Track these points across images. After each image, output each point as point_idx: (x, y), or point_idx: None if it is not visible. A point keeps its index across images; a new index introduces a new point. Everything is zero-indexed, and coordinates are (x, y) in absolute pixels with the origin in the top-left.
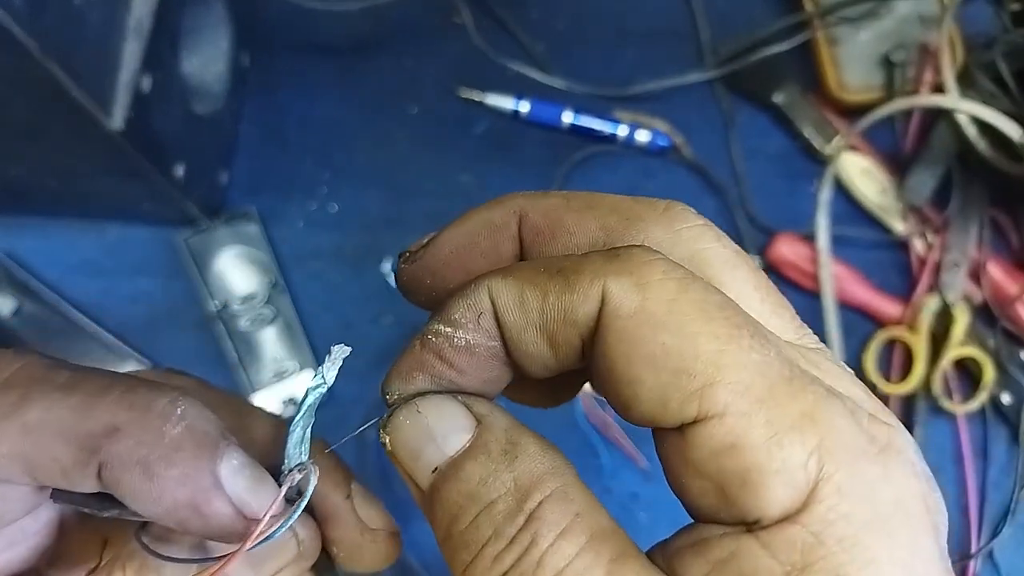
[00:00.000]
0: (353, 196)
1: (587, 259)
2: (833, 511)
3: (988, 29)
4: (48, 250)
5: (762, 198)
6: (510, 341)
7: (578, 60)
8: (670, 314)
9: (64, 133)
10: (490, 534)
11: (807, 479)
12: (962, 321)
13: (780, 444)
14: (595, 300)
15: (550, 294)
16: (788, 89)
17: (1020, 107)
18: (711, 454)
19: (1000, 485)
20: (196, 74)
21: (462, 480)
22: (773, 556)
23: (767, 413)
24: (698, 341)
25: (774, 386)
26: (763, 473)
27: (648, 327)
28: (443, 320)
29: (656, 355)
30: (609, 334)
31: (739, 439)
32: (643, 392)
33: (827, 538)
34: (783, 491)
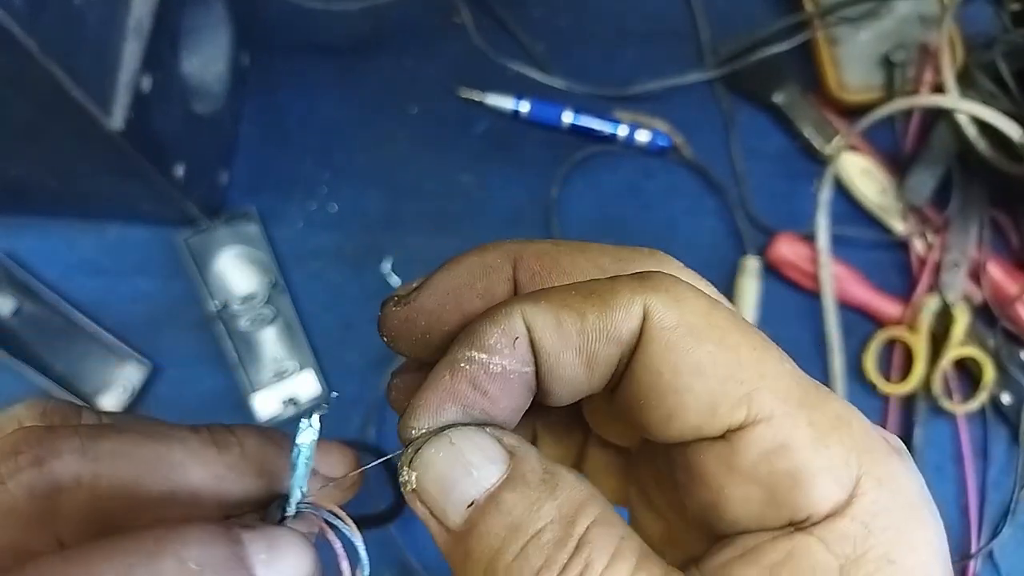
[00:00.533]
0: (353, 196)
1: (620, 280)
2: (876, 503)
3: (988, 29)
4: (48, 250)
5: (762, 198)
6: (544, 365)
7: (578, 60)
8: (711, 327)
9: (64, 133)
10: (541, 563)
11: (851, 475)
12: (962, 321)
13: (826, 444)
14: (637, 317)
15: (588, 315)
16: (788, 89)
17: (1020, 107)
18: (761, 456)
19: (1000, 485)
20: (196, 74)
21: (503, 512)
22: (828, 550)
23: (808, 416)
24: (740, 350)
25: (808, 392)
26: (813, 471)
27: (693, 338)
28: (475, 346)
29: (704, 363)
30: (654, 347)
31: (788, 440)
32: (691, 400)
33: (874, 527)
34: (832, 487)
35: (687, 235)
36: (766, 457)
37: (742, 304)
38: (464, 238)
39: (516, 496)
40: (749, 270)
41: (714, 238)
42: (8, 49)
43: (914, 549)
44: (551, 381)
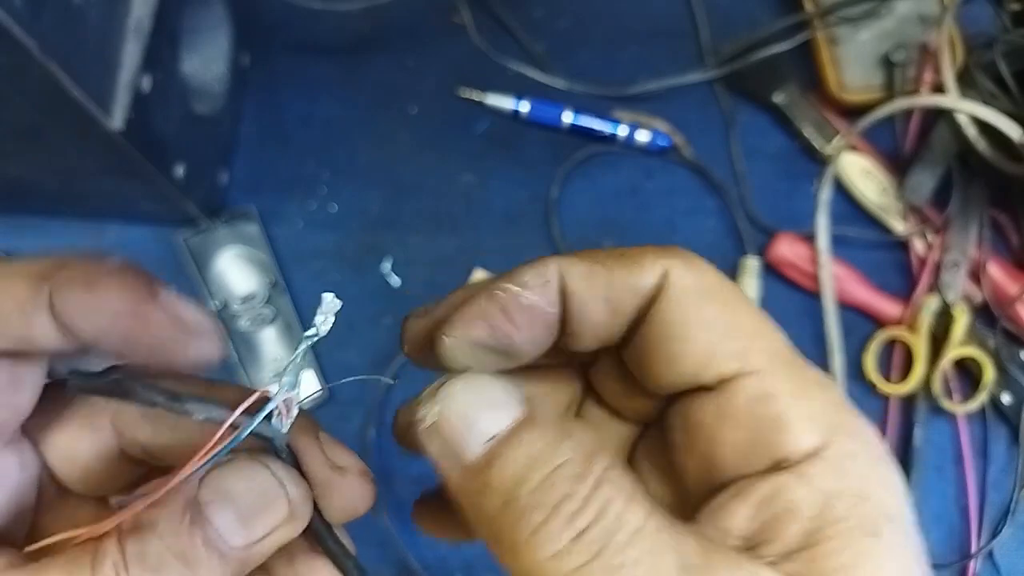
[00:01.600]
0: (353, 196)
1: (646, 247)
2: (848, 449)
3: (988, 29)
4: (48, 249)
5: (762, 198)
6: (574, 308)
7: (578, 60)
8: (719, 292)
9: (64, 133)
10: (564, 492)
11: (827, 423)
12: (962, 321)
13: (805, 396)
14: (658, 275)
15: (616, 270)
16: (788, 89)
17: (1020, 107)
18: (748, 403)
19: (1000, 485)
20: (196, 74)
21: (525, 444)
22: (809, 485)
23: (792, 373)
24: (741, 314)
25: (794, 358)
26: (793, 418)
27: (702, 297)
28: (512, 280)
29: (709, 319)
30: (669, 301)
31: (773, 390)
32: (693, 348)
33: (847, 469)
34: (810, 432)
35: (687, 235)
36: (753, 404)
37: None
38: (464, 238)
39: (536, 433)
40: (749, 270)
41: (714, 238)
42: (8, 49)
43: (885, 489)
44: (579, 323)
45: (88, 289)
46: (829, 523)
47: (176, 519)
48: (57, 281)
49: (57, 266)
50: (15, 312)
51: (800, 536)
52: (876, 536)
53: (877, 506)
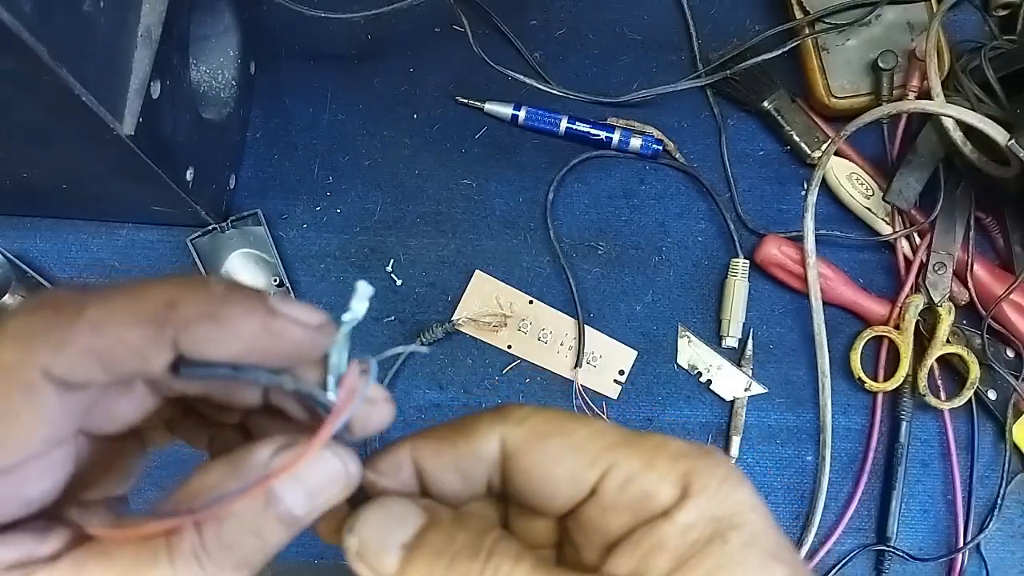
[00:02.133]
0: (357, 199)
1: (480, 415)
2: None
3: (975, 35)
4: (60, 251)
5: (752, 201)
6: (431, 483)
7: (574, 67)
8: (553, 429)
9: (75, 137)
10: (464, 572)
11: (678, 475)
12: (947, 320)
13: (654, 463)
14: (495, 441)
15: (459, 443)
16: (778, 95)
17: (1006, 111)
18: (618, 490)
19: (987, 480)
20: (204, 81)
21: (428, 545)
22: (672, 522)
23: (637, 451)
24: (575, 432)
25: (630, 439)
26: (651, 484)
27: (541, 439)
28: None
29: (555, 453)
30: (518, 456)
31: (630, 474)
32: (558, 480)
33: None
34: (669, 487)
35: (679, 237)
36: (620, 493)
37: (732, 304)
38: (463, 240)
39: (436, 533)
40: (739, 271)
41: (705, 240)
42: (19, 55)
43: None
44: (440, 491)
45: (215, 322)
46: (690, 546)
47: (251, 501)
48: (180, 322)
49: (169, 304)
50: (130, 357)
51: (670, 563)
52: (725, 542)
53: (724, 520)
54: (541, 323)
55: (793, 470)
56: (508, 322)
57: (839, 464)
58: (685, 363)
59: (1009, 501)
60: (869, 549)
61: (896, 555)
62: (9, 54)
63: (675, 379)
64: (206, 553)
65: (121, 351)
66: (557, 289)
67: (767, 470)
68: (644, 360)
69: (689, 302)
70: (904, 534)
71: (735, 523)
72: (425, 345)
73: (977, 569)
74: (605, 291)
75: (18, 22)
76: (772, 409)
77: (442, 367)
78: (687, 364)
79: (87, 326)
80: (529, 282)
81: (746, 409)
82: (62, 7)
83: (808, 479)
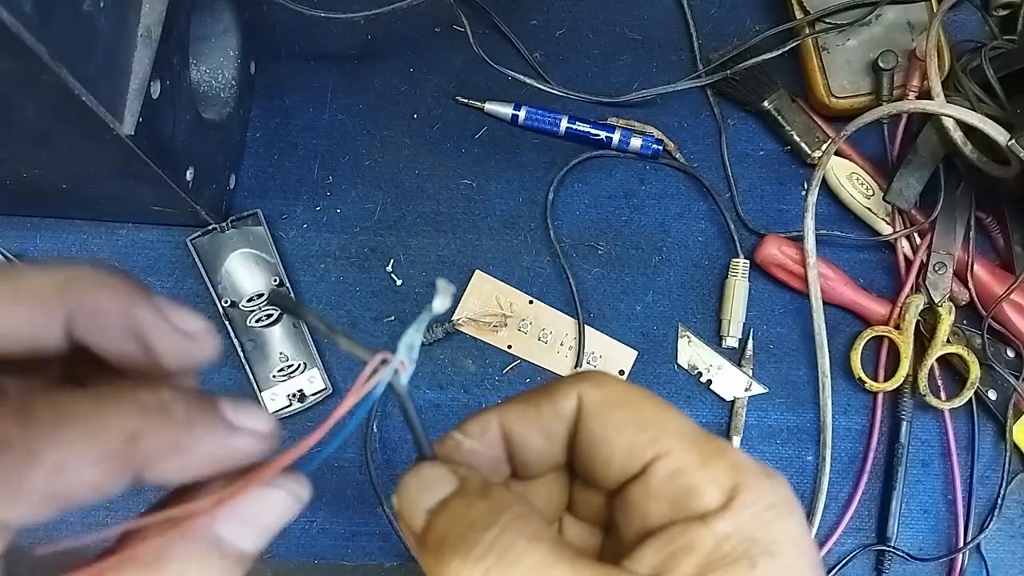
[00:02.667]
0: (357, 199)
1: (563, 379)
2: (746, 501)
3: (975, 35)
4: (60, 251)
5: (752, 201)
6: (517, 444)
7: (574, 67)
8: (625, 397)
9: (75, 137)
10: (473, 542)
11: (730, 484)
12: (947, 320)
13: (709, 464)
14: (574, 399)
15: (542, 404)
16: (778, 95)
17: (1006, 111)
18: (667, 478)
19: (987, 480)
20: (205, 81)
21: (449, 511)
22: (708, 528)
23: (697, 447)
24: (646, 411)
25: (696, 435)
26: (700, 483)
27: (613, 406)
28: (460, 429)
29: (621, 422)
30: (587, 418)
31: (683, 465)
32: (616, 449)
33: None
34: (716, 492)
35: (679, 237)
36: (668, 480)
37: (732, 304)
38: (464, 240)
39: (459, 501)
40: (739, 271)
41: (705, 240)
42: (19, 55)
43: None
44: (524, 454)
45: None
46: (718, 558)
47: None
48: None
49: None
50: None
51: (694, 568)
52: (752, 566)
53: (760, 545)
54: (541, 323)
55: (793, 470)
56: (508, 322)
57: (839, 464)
58: (685, 363)
59: (1009, 501)
60: (869, 549)
61: (896, 555)
62: (9, 54)
63: (675, 379)
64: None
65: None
66: (557, 289)
67: None
68: (644, 360)
69: (689, 302)
70: (904, 534)
71: (770, 551)
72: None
73: (977, 569)
74: (605, 291)
75: (18, 22)
76: (772, 409)
77: (442, 367)
78: (687, 364)
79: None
80: (529, 282)
81: (746, 409)
82: (62, 7)
83: (808, 479)
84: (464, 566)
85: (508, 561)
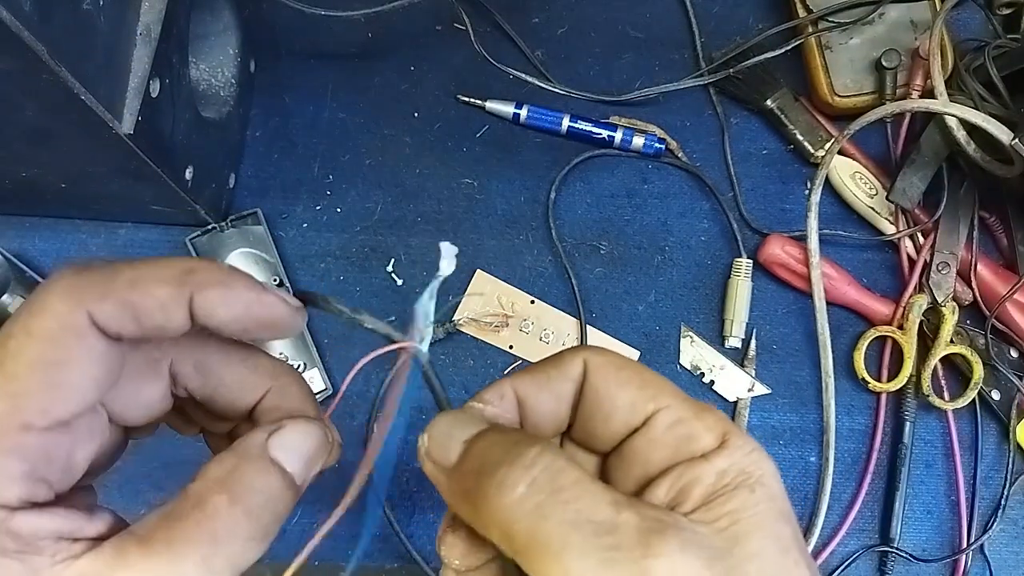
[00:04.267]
0: (357, 198)
1: (568, 349)
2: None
3: (979, 34)
4: (59, 251)
5: (755, 200)
6: (530, 406)
7: (576, 66)
8: (625, 362)
9: (74, 136)
10: (518, 454)
11: (721, 430)
12: (951, 320)
13: (703, 415)
14: (580, 363)
15: (551, 370)
16: (781, 94)
17: (1009, 110)
18: (668, 427)
19: (990, 481)
20: (204, 79)
21: (488, 440)
22: (709, 464)
23: (690, 404)
24: (644, 372)
25: (685, 395)
26: (698, 430)
27: (616, 368)
28: (478, 399)
29: (623, 380)
30: (594, 377)
31: (681, 416)
32: (620, 404)
33: (736, 455)
34: (710, 436)
35: (681, 237)
36: (670, 429)
37: (735, 304)
38: (465, 239)
39: (494, 433)
40: (742, 271)
41: (708, 239)
42: (18, 54)
43: (758, 466)
44: (536, 416)
45: (224, 288)
46: (721, 486)
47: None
48: (196, 286)
49: (188, 271)
50: (157, 311)
51: (702, 496)
52: (752, 491)
53: (753, 476)
54: (543, 323)
55: (796, 471)
56: (510, 322)
57: (842, 465)
58: (688, 363)
59: (1013, 502)
60: (873, 550)
61: (900, 556)
62: (9, 53)
63: (677, 379)
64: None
65: (150, 305)
66: (559, 289)
67: None
68: (646, 360)
69: (692, 302)
70: (908, 535)
71: (762, 481)
72: None
73: (981, 570)
74: (607, 291)
75: (18, 21)
76: (775, 410)
77: (443, 368)
78: (690, 364)
79: (124, 283)
80: (531, 282)
81: (749, 410)
82: (61, 6)
83: (811, 480)
84: (511, 475)
85: (555, 471)
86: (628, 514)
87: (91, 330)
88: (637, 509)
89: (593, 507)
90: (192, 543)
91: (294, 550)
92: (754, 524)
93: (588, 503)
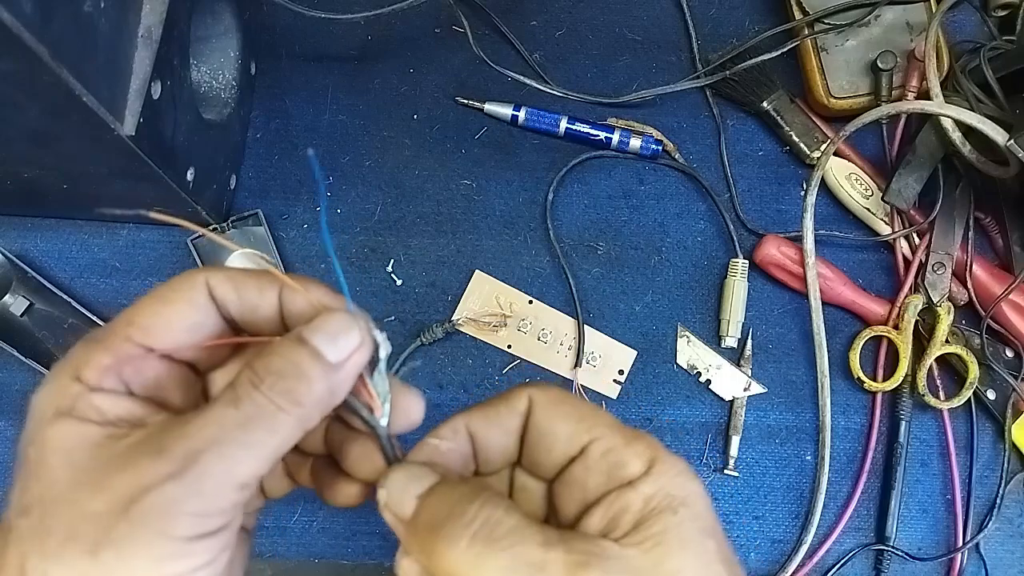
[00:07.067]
0: (357, 199)
1: (517, 386)
2: (662, 469)
3: (974, 36)
4: (60, 251)
5: (751, 201)
6: (479, 441)
7: (574, 68)
8: (566, 397)
9: (76, 138)
10: (464, 511)
11: (648, 457)
12: (946, 320)
13: (632, 443)
14: (525, 400)
15: (500, 407)
16: (777, 96)
17: (1005, 111)
18: (600, 456)
19: (985, 480)
20: (205, 81)
21: (438, 494)
22: (637, 491)
23: (622, 432)
24: (581, 406)
25: (620, 425)
26: (627, 458)
27: (556, 403)
28: (434, 434)
29: (563, 414)
30: (538, 411)
31: (612, 446)
32: (560, 435)
33: (662, 480)
34: (639, 463)
35: (678, 237)
36: (602, 457)
37: (731, 304)
38: (463, 240)
39: (444, 486)
40: (738, 271)
41: (704, 240)
42: (20, 55)
43: (683, 488)
44: (487, 449)
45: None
46: (648, 510)
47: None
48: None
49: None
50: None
51: (632, 522)
52: (674, 513)
53: (677, 499)
54: (541, 323)
55: (792, 470)
56: (508, 322)
57: (838, 464)
58: (684, 363)
59: (1008, 501)
60: (868, 549)
61: (895, 555)
62: (10, 55)
63: (674, 379)
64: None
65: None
66: (557, 289)
67: (766, 470)
68: (644, 360)
69: (688, 302)
70: (903, 534)
71: (686, 502)
72: (425, 344)
73: (976, 569)
74: (605, 291)
75: (19, 23)
76: (771, 409)
77: (442, 367)
78: (686, 364)
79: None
80: (529, 282)
81: (745, 409)
82: (63, 8)
83: (807, 479)
84: (455, 531)
85: (492, 524)
86: (556, 552)
87: (202, 288)
88: (567, 545)
89: (525, 551)
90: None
91: (295, 549)
92: (677, 543)
93: (521, 548)
